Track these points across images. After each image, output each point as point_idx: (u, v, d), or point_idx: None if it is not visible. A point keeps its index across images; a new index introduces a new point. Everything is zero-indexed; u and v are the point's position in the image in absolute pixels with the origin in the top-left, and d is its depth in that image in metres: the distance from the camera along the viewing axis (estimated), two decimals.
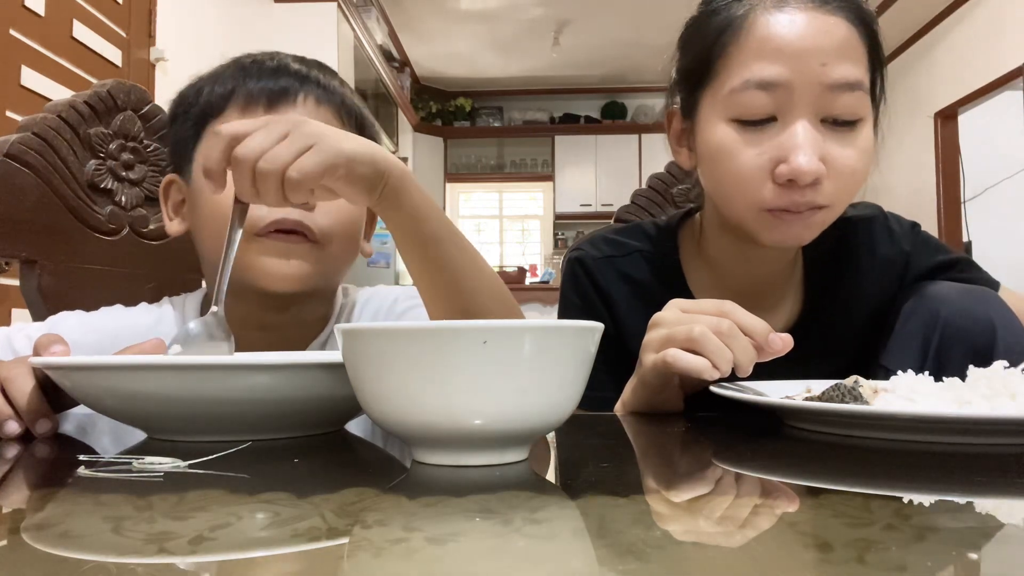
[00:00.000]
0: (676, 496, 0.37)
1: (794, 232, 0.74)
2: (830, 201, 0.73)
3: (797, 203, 0.71)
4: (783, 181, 0.71)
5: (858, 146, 0.72)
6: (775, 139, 0.71)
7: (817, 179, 0.70)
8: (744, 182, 0.73)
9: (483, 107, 7.56)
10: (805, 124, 0.70)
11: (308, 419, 0.53)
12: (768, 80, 0.70)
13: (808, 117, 0.71)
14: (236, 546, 0.28)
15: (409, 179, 0.65)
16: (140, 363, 0.50)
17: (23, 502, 0.39)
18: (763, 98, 0.71)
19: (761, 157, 0.71)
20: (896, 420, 0.50)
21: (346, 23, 4.39)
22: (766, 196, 0.72)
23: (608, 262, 0.87)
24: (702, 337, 0.59)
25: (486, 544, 0.28)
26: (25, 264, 0.89)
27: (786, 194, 0.71)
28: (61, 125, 0.92)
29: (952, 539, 0.29)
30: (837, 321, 0.85)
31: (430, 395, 0.39)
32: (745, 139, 0.72)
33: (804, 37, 0.70)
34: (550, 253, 7.30)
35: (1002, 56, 3.97)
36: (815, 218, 0.73)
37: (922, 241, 0.88)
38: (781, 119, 0.71)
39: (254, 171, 0.57)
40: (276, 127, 0.58)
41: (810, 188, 0.71)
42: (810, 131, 0.70)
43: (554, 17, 5.80)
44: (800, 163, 0.69)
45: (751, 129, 0.72)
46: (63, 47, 2.32)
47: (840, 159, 0.71)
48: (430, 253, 0.68)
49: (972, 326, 0.73)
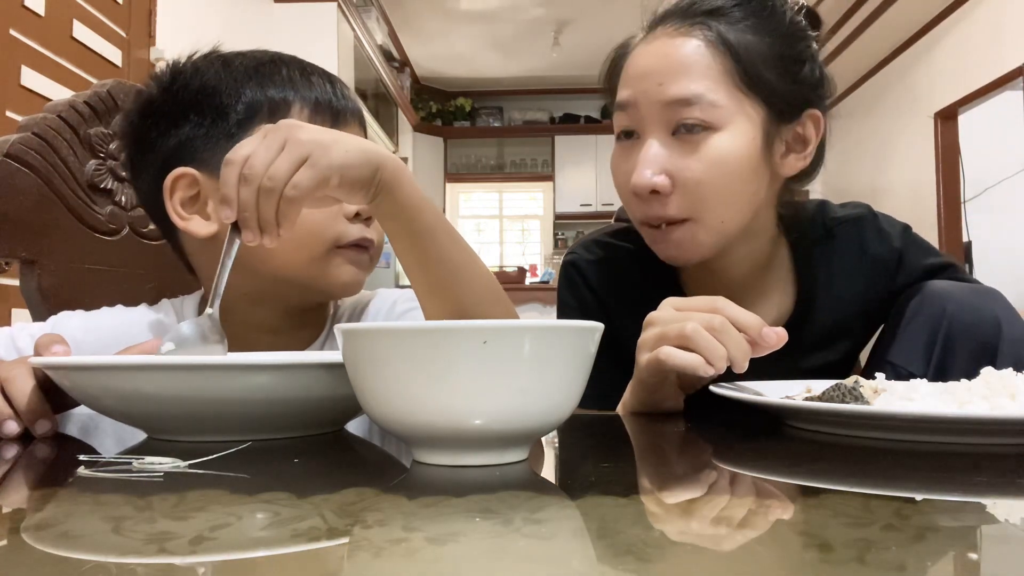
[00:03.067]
0: (676, 496, 0.37)
1: (661, 248, 0.80)
2: (687, 214, 0.77)
3: (649, 216, 0.78)
4: (639, 193, 0.77)
5: (705, 156, 0.76)
6: (633, 155, 0.78)
7: (657, 191, 0.76)
8: (621, 195, 0.82)
9: (483, 107, 7.56)
10: (652, 140, 0.77)
11: (308, 419, 0.53)
12: (621, 101, 0.80)
13: (657, 133, 0.77)
14: (236, 546, 0.28)
15: (402, 173, 0.66)
16: (140, 363, 0.50)
17: (23, 502, 0.39)
18: (623, 118, 0.80)
19: (627, 174, 0.78)
20: (896, 420, 0.50)
21: (346, 23, 4.39)
22: (632, 209, 0.80)
23: (600, 264, 0.89)
24: (694, 334, 0.60)
25: (486, 544, 0.28)
26: (25, 264, 0.89)
27: (642, 207, 0.78)
28: (61, 125, 0.92)
29: (952, 539, 0.29)
30: (828, 316, 0.86)
31: (430, 395, 0.39)
32: (620, 154, 0.81)
33: (647, 62, 0.78)
34: (550, 253, 7.30)
35: (1002, 56, 3.97)
36: (676, 234, 0.78)
37: (913, 241, 0.89)
38: (640, 136, 0.79)
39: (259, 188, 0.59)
40: (274, 138, 0.59)
41: (657, 201, 0.76)
42: (654, 147, 0.77)
43: (554, 17, 5.80)
44: (633, 178, 0.76)
45: (622, 143, 0.81)
46: (63, 47, 2.32)
47: (684, 171, 0.76)
48: (424, 246, 0.68)
49: (977, 323, 0.75)
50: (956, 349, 0.75)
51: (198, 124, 0.78)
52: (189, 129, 0.79)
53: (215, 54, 0.82)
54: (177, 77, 0.80)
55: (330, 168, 0.60)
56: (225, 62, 0.80)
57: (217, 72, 0.79)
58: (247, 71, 0.79)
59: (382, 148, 0.66)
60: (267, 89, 0.78)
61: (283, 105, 0.78)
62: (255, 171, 0.58)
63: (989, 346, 0.73)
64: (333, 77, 0.84)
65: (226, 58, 0.81)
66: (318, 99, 0.79)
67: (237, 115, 0.77)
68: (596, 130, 7.33)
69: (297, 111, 0.78)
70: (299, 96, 0.79)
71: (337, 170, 0.60)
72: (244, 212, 0.58)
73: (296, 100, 0.78)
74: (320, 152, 0.60)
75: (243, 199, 0.58)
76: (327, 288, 0.80)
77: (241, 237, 0.59)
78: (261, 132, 0.60)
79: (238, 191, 0.58)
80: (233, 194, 0.58)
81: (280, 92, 0.78)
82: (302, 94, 0.79)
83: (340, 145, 0.61)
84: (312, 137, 0.60)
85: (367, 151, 0.63)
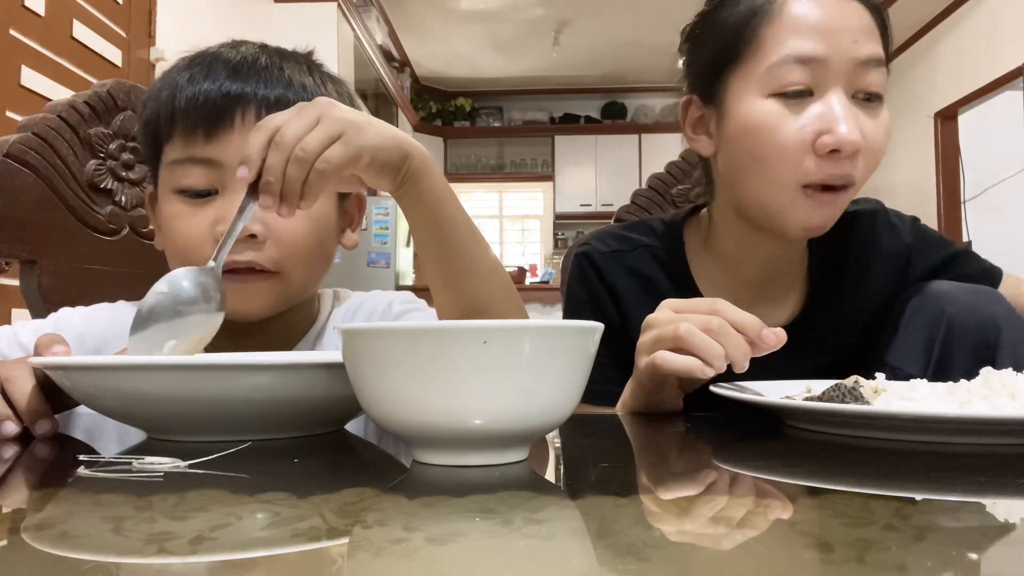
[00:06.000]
0: (676, 496, 0.37)
1: (827, 214, 0.76)
2: (859, 177, 0.75)
3: (836, 176, 0.73)
4: (824, 152, 0.72)
5: (882, 123, 0.75)
6: (814, 112, 0.73)
7: (856, 151, 0.72)
8: (787, 155, 0.74)
9: (483, 107, 7.56)
10: (842, 97, 0.73)
11: (308, 419, 0.53)
12: (806, 55, 0.73)
13: (840, 92, 0.73)
14: (236, 546, 0.28)
15: (430, 162, 0.67)
16: (140, 363, 0.50)
17: (23, 502, 0.39)
18: (801, 72, 0.73)
19: (803, 130, 0.73)
20: (896, 420, 0.50)
21: (346, 23, 4.39)
22: (809, 168, 0.73)
23: (615, 256, 0.87)
24: (688, 335, 0.59)
25: (486, 544, 0.28)
26: (25, 264, 0.89)
27: (827, 166, 0.73)
28: (61, 125, 0.92)
29: (952, 539, 0.29)
30: (840, 315, 0.86)
31: (430, 395, 0.39)
32: (786, 112, 0.74)
33: (836, 17, 0.74)
34: (550, 253, 7.30)
35: (1002, 56, 3.97)
36: (843, 199, 0.76)
37: (923, 235, 0.89)
38: (817, 93, 0.74)
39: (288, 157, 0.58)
40: (309, 113, 0.59)
41: (848, 161, 0.73)
42: (847, 104, 0.73)
43: (554, 17, 5.80)
44: (843, 132, 0.71)
45: (791, 102, 0.74)
46: (63, 47, 2.32)
47: (871, 133, 0.74)
48: (445, 236, 0.68)
49: (977, 324, 0.75)
50: (955, 350, 0.75)
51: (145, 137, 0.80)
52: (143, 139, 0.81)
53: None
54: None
55: (363, 148, 0.60)
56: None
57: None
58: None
59: (411, 137, 0.66)
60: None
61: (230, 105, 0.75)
62: (287, 139, 0.58)
63: (989, 347, 0.73)
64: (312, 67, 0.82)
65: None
66: (278, 98, 0.76)
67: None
68: (596, 130, 7.33)
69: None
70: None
71: (369, 151, 0.61)
72: (269, 176, 0.58)
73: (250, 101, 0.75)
74: (354, 131, 0.60)
75: (270, 164, 0.58)
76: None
77: (258, 201, 0.59)
78: (295, 107, 0.60)
79: (264, 155, 0.58)
80: (257, 158, 0.58)
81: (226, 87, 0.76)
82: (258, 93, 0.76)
83: (373, 127, 0.62)
84: (346, 116, 0.60)
85: (398, 137, 0.64)
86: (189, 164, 0.74)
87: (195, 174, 0.74)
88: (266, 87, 0.75)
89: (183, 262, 0.73)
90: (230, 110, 0.74)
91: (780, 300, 0.87)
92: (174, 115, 0.75)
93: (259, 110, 0.74)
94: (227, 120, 0.74)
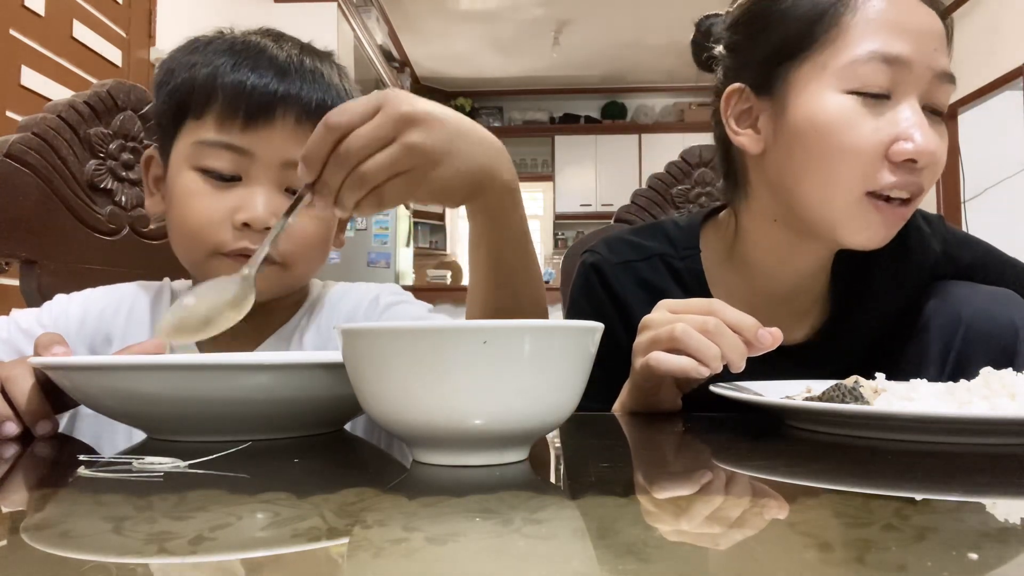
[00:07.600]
0: (676, 496, 0.37)
1: (892, 227, 0.72)
2: (921, 192, 0.72)
3: (908, 184, 0.70)
4: (899, 160, 0.68)
5: (945, 140, 0.72)
6: (893, 116, 0.69)
7: (930, 163, 0.69)
8: (858, 157, 0.69)
9: (483, 107, 7.56)
10: (916, 106, 0.69)
11: (308, 419, 0.53)
12: (895, 55, 0.69)
13: (915, 101, 0.70)
14: (236, 546, 0.29)
15: (509, 196, 0.63)
16: (140, 363, 0.50)
17: (23, 502, 0.39)
18: (885, 72, 0.69)
19: (879, 133, 0.69)
20: (896, 420, 0.50)
21: (346, 23, 4.39)
22: (879, 175, 0.69)
23: (626, 267, 0.82)
24: (683, 335, 0.59)
25: (486, 544, 0.28)
26: (25, 264, 0.89)
27: (898, 174, 0.69)
28: (61, 125, 0.92)
29: (952, 539, 0.29)
30: (863, 333, 0.83)
31: (430, 395, 0.39)
32: (863, 111, 0.69)
33: (922, 22, 0.70)
34: (550, 253, 7.30)
35: (1002, 56, 3.97)
36: (905, 211, 0.72)
37: (951, 238, 0.85)
38: (895, 98, 0.70)
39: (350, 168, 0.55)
40: (385, 123, 0.54)
41: (916, 172, 0.69)
42: (920, 113, 0.69)
43: (554, 17, 5.80)
44: (923, 142, 0.68)
45: (870, 102, 0.70)
46: (63, 47, 2.32)
47: (938, 150, 0.70)
48: (495, 259, 0.66)
49: (994, 329, 0.73)
50: (972, 356, 0.72)
51: (158, 105, 0.81)
52: (156, 107, 0.82)
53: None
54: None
55: (428, 192, 0.57)
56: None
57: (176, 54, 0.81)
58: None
59: (501, 165, 0.61)
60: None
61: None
62: (351, 153, 0.54)
63: (1007, 352, 0.71)
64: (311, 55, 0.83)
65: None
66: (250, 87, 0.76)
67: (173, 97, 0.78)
68: (596, 130, 7.33)
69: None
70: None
71: (431, 194, 0.58)
72: (323, 191, 0.55)
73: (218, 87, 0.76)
74: (428, 167, 0.56)
75: (326, 178, 0.55)
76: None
77: (311, 197, 0.56)
78: (376, 99, 0.55)
79: (325, 159, 0.54)
80: (317, 162, 0.55)
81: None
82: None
83: (452, 163, 0.57)
84: (426, 143, 0.55)
85: (476, 174, 0.59)
86: (220, 148, 0.75)
87: (224, 158, 0.75)
88: (309, 91, 0.77)
89: (193, 240, 0.75)
90: (272, 108, 0.75)
91: (804, 315, 0.83)
92: (211, 97, 0.75)
93: (299, 112, 0.76)
94: (268, 116, 0.75)
